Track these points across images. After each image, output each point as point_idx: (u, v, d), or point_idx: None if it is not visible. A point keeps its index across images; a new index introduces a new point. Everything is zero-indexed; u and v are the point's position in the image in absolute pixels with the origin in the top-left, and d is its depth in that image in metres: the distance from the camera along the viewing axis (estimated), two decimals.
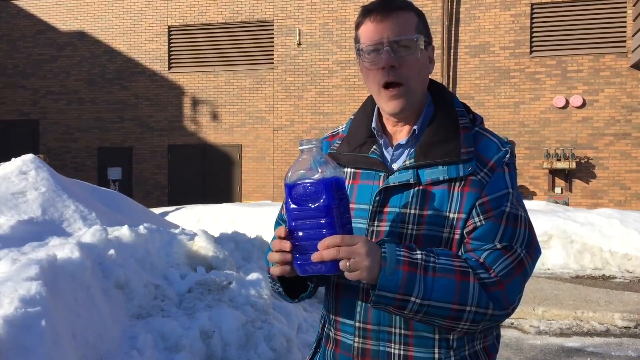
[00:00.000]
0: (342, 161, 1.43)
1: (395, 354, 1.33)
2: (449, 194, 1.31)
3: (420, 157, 1.34)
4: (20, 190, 5.08)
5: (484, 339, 1.39)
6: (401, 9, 1.36)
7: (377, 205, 1.35)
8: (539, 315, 6.34)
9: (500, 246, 1.27)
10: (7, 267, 3.24)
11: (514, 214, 1.31)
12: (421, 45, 1.35)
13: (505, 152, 1.35)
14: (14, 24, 16.02)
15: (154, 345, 3.48)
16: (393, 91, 1.35)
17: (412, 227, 1.32)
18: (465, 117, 1.41)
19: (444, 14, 13.16)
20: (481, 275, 1.25)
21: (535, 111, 12.95)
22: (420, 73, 1.36)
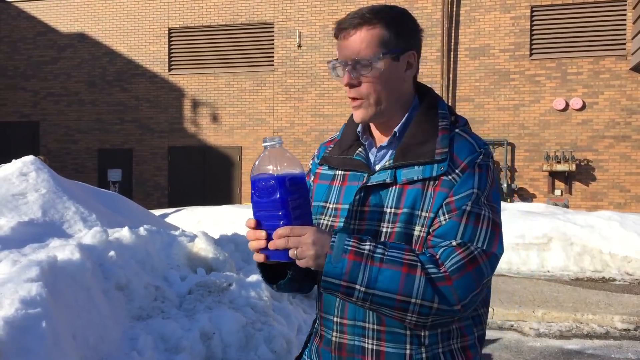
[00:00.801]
0: (332, 164, 1.51)
1: (368, 348, 1.38)
2: (422, 193, 1.36)
3: (399, 158, 1.39)
4: (20, 192, 5.09)
5: (463, 338, 1.40)
6: (364, 25, 1.39)
7: (357, 204, 1.41)
8: (538, 317, 6.34)
9: (455, 243, 1.30)
10: (7, 269, 3.25)
11: (475, 213, 1.32)
12: (380, 63, 1.38)
13: (479, 153, 1.37)
14: (15, 25, 16.04)
15: (154, 346, 3.49)
16: (355, 103, 1.43)
17: (387, 225, 1.37)
18: (447, 119, 1.44)
19: (444, 16, 13.18)
20: (429, 270, 1.27)
21: (535, 113, 12.96)
22: (385, 86, 1.40)
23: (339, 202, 1.46)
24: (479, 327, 1.45)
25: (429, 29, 13.37)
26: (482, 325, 1.46)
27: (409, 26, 1.43)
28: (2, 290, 2.88)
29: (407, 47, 1.41)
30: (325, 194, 1.51)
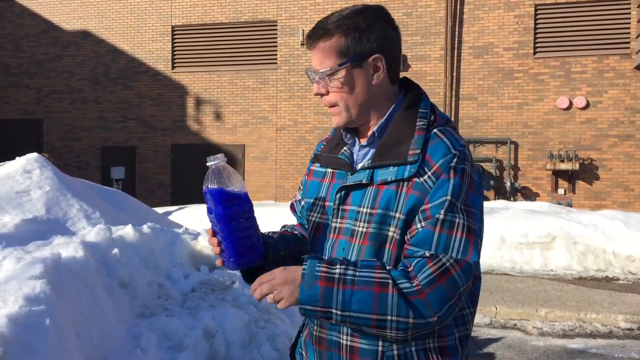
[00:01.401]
0: (322, 162, 1.56)
1: (343, 343, 1.43)
2: (396, 194, 1.37)
3: (376, 159, 1.41)
4: (24, 189, 5.09)
5: (441, 337, 1.40)
6: (323, 37, 1.43)
7: (338, 202, 1.45)
8: (542, 316, 6.33)
9: (428, 254, 1.30)
10: (11, 266, 3.25)
11: (449, 221, 1.32)
12: (340, 72, 1.41)
13: (453, 155, 1.35)
14: (18, 23, 16.06)
15: (157, 344, 3.49)
16: (330, 110, 1.48)
17: (362, 225, 1.40)
18: (426, 118, 1.43)
19: (448, 14, 13.15)
20: (401, 285, 1.29)
21: (539, 112, 12.93)
22: (351, 93, 1.43)
23: (326, 199, 1.50)
24: (462, 328, 1.44)
25: (433, 27, 13.35)
26: (466, 326, 1.45)
27: (373, 30, 1.43)
28: (6, 287, 2.88)
29: (371, 52, 1.42)
30: (316, 190, 1.54)
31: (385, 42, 1.44)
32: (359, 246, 1.41)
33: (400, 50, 1.50)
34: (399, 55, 1.49)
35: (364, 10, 1.45)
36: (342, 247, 1.44)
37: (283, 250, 1.58)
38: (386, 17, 1.47)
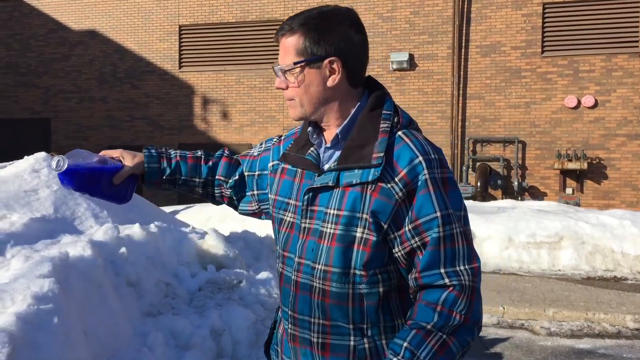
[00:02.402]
0: (289, 162, 1.57)
1: (314, 341, 1.48)
2: (362, 196, 1.40)
3: (342, 161, 1.44)
4: (32, 188, 5.11)
5: None
6: (285, 34, 1.47)
7: (306, 204, 1.48)
8: (549, 316, 6.31)
9: (449, 282, 1.36)
10: (20, 264, 3.26)
11: (449, 235, 1.37)
12: (296, 70, 1.46)
13: (420, 165, 1.38)
14: (26, 23, 16.13)
15: (164, 342, 3.50)
16: (288, 103, 1.52)
17: (330, 227, 1.43)
18: (388, 120, 1.45)
19: (455, 13, 13.11)
20: (451, 328, 1.36)
21: (547, 111, 12.87)
22: (305, 92, 1.47)
23: (296, 199, 1.52)
24: None
25: (440, 26, 13.31)
26: None
27: (334, 33, 1.44)
28: (14, 286, 2.89)
29: (327, 55, 1.44)
30: (289, 190, 1.56)
31: (345, 46, 1.45)
32: (328, 247, 1.44)
33: (364, 54, 1.50)
34: (363, 59, 1.50)
35: (331, 12, 1.47)
36: (311, 248, 1.47)
37: (168, 175, 1.70)
38: (352, 21, 1.48)
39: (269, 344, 1.70)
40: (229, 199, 1.76)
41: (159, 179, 1.70)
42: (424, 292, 1.39)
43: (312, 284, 1.47)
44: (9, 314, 2.62)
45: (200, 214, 10.64)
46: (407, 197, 1.38)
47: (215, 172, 1.74)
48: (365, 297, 1.43)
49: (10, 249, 3.74)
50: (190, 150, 1.79)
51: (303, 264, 1.49)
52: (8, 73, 16.27)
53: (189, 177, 1.72)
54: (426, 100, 13.39)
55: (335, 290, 1.44)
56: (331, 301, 1.45)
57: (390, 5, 13.60)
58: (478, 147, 13.26)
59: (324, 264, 1.44)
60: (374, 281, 1.43)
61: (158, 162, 1.70)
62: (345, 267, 1.42)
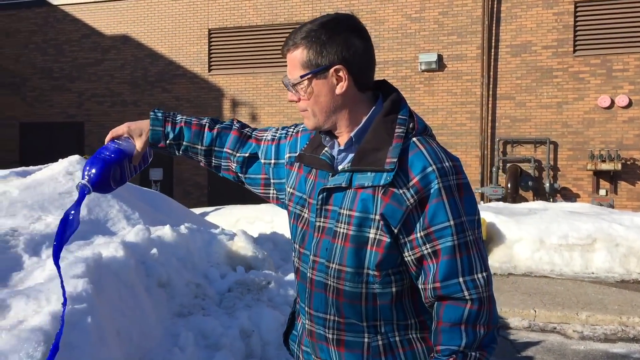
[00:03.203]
0: (304, 162, 1.60)
1: (329, 337, 1.52)
2: (373, 198, 1.42)
3: (355, 163, 1.46)
4: (66, 190, 5.22)
5: (423, 330, 1.50)
6: (290, 49, 1.51)
7: (321, 203, 1.51)
8: (582, 320, 6.19)
9: (468, 296, 1.39)
10: (54, 265, 3.33)
11: (463, 243, 1.39)
12: (304, 83, 1.49)
13: (434, 173, 1.39)
14: (60, 28, 16.48)
15: (195, 343, 3.54)
16: (302, 114, 1.55)
17: (344, 227, 1.46)
18: (403, 125, 1.46)
19: (485, 13, 12.98)
20: (479, 342, 1.39)
21: (579, 111, 12.65)
22: (316, 102, 1.50)
23: (311, 196, 1.55)
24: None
25: (469, 26, 13.19)
26: None
27: (335, 42, 1.47)
28: (49, 286, 2.96)
29: (331, 64, 1.47)
30: (304, 186, 1.59)
31: (348, 53, 1.47)
32: (342, 247, 1.46)
33: (368, 59, 1.52)
34: (368, 63, 1.52)
35: (331, 22, 1.49)
36: (325, 247, 1.49)
37: (171, 140, 1.73)
38: (353, 28, 1.50)
39: (287, 334, 1.73)
40: (234, 173, 1.77)
41: (163, 143, 1.73)
42: (443, 311, 1.40)
43: (326, 282, 1.50)
44: (44, 313, 2.69)
45: (229, 215, 10.73)
46: (419, 204, 1.39)
47: (222, 144, 1.75)
48: (378, 297, 1.46)
49: (45, 249, 3.83)
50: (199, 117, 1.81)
51: (317, 262, 1.51)
52: (43, 78, 16.64)
53: (191, 143, 1.74)
54: (455, 101, 13.28)
55: (348, 289, 1.46)
56: (345, 300, 1.47)
57: (419, 6, 13.53)
58: (508, 148, 13.10)
59: (337, 264, 1.47)
60: (387, 281, 1.45)
61: (163, 126, 1.72)
62: (358, 267, 1.44)
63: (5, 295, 2.91)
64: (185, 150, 1.75)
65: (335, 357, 1.52)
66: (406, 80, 13.48)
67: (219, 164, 1.77)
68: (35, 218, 4.49)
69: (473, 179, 12.97)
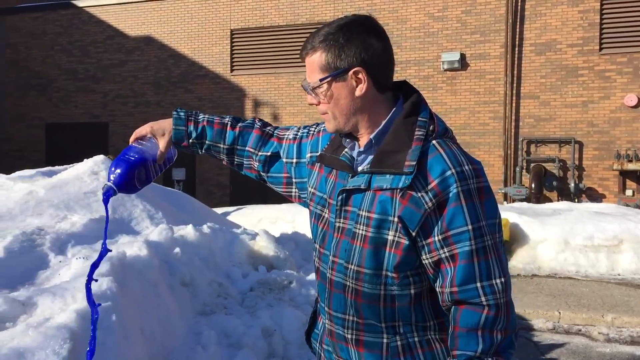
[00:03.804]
0: (325, 163, 1.60)
1: (348, 337, 1.53)
2: (392, 200, 1.42)
3: (374, 165, 1.46)
4: (91, 190, 5.29)
5: (442, 331, 1.49)
6: (309, 53, 1.52)
7: (340, 203, 1.51)
8: (608, 322, 6.10)
9: (489, 311, 1.37)
10: (80, 264, 3.39)
11: (481, 248, 1.38)
12: (324, 86, 1.49)
13: (453, 177, 1.38)
14: (85, 30, 16.71)
15: (217, 341, 3.56)
16: (322, 117, 1.56)
17: (362, 228, 1.46)
18: (423, 128, 1.45)
19: (508, 11, 12.85)
20: (497, 347, 1.38)
21: (605, 110, 12.45)
22: (336, 105, 1.50)
23: (331, 196, 1.56)
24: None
25: (493, 25, 13.07)
26: None
27: (353, 44, 1.46)
28: (75, 284, 3.00)
29: (350, 66, 1.46)
30: (325, 186, 1.59)
31: (366, 54, 1.46)
32: (360, 248, 1.46)
33: (387, 59, 1.51)
34: (387, 64, 1.51)
35: (348, 24, 1.49)
36: (345, 248, 1.50)
37: (194, 139, 1.75)
38: (370, 29, 1.49)
39: (309, 332, 1.74)
40: (257, 172, 1.78)
41: (186, 142, 1.74)
42: (460, 316, 1.39)
43: (345, 283, 1.50)
44: (70, 311, 2.73)
45: (251, 215, 10.78)
46: (437, 207, 1.38)
47: (245, 142, 1.76)
48: (396, 298, 1.45)
49: (71, 248, 3.88)
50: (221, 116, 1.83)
51: (337, 263, 1.51)
52: (69, 79, 16.89)
53: (213, 142, 1.75)
54: (478, 100, 13.17)
55: (367, 290, 1.46)
56: (363, 301, 1.47)
57: (442, 5, 13.44)
58: (532, 147, 12.95)
59: (356, 265, 1.47)
60: (405, 283, 1.44)
61: (185, 125, 1.74)
62: (377, 268, 1.44)
63: (32, 293, 2.96)
64: (208, 149, 1.77)
65: (354, 357, 1.53)
66: (428, 80, 13.40)
67: (241, 162, 1.78)
68: (61, 217, 4.55)
69: (496, 179, 12.84)
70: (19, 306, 2.82)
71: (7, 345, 2.43)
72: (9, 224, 4.34)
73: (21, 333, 2.52)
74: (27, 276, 3.45)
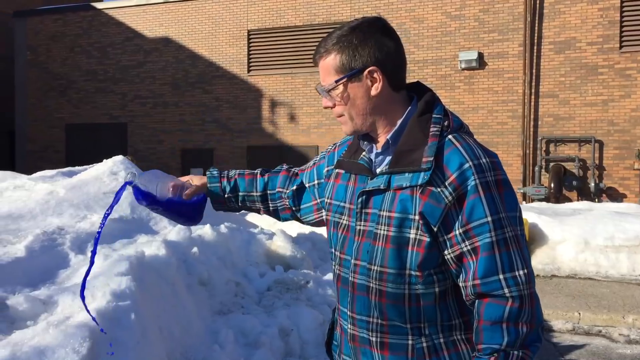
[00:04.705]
0: (344, 168, 1.63)
1: (372, 340, 1.51)
2: (412, 199, 1.43)
3: (393, 165, 1.47)
4: (111, 190, 5.35)
5: (467, 330, 1.47)
6: (322, 56, 1.52)
7: (360, 206, 1.51)
8: (629, 323, 6.02)
9: (513, 303, 1.36)
10: (99, 263, 3.42)
11: (502, 240, 1.38)
12: (339, 88, 1.50)
13: (470, 169, 1.39)
14: (104, 32, 16.88)
15: (234, 340, 3.58)
16: (339, 120, 1.56)
17: (384, 229, 1.46)
18: (438, 124, 1.47)
19: (527, 9, 12.74)
20: (522, 340, 1.36)
21: (626, 109, 12.29)
22: (352, 105, 1.51)
23: (351, 202, 1.57)
24: None
25: (511, 23, 12.97)
26: None
27: (367, 44, 1.48)
28: (95, 283, 3.04)
29: (365, 66, 1.48)
30: (344, 194, 1.60)
31: (380, 54, 1.48)
32: (382, 248, 1.46)
33: (400, 58, 1.53)
34: (400, 62, 1.53)
35: (360, 25, 1.51)
36: (367, 250, 1.50)
37: (229, 193, 1.82)
38: (382, 29, 1.51)
39: (329, 343, 1.74)
40: (290, 210, 1.83)
41: (222, 198, 1.82)
42: (484, 309, 1.39)
43: (368, 284, 1.49)
44: (90, 309, 2.75)
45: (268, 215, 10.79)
46: (457, 201, 1.39)
47: (274, 186, 1.83)
48: (421, 297, 1.45)
49: (90, 247, 3.92)
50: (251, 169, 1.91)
51: (359, 266, 1.51)
52: (88, 80, 17.08)
53: (247, 192, 1.83)
54: (496, 99, 13.07)
55: (391, 290, 1.46)
56: (388, 301, 1.47)
57: (459, 4, 13.36)
58: (551, 147, 12.82)
59: (379, 265, 1.47)
60: (429, 281, 1.44)
61: (219, 182, 1.82)
62: (400, 268, 1.44)
63: (52, 292, 3.00)
64: (243, 201, 1.84)
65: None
66: (446, 79, 13.33)
67: (276, 206, 1.85)
68: (81, 217, 4.61)
69: (515, 179, 12.73)
70: (40, 305, 2.86)
71: (28, 344, 2.46)
72: (30, 224, 4.40)
73: (42, 331, 2.55)
74: (48, 275, 3.50)
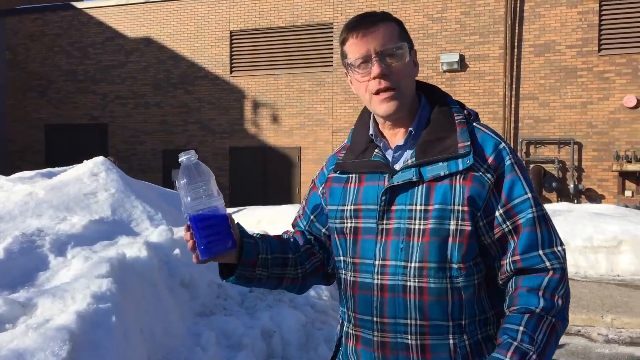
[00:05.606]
0: (347, 169, 1.55)
1: (412, 344, 1.42)
2: (451, 187, 1.39)
3: (420, 156, 1.43)
4: (91, 191, 5.29)
5: (498, 323, 1.46)
6: (383, 21, 1.47)
7: (384, 204, 1.44)
8: (607, 323, 6.10)
9: (554, 274, 1.38)
10: (80, 265, 3.39)
11: (541, 216, 1.40)
12: (406, 51, 1.46)
13: (505, 150, 1.42)
14: (85, 32, 16.72)
15: (217, 342, 3.56)
16: (385, 94, 1.45)
17: (419, 223, 1.40)
18: (461, 113, 1.48)
19: (507, 12, 12.87)
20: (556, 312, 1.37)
21: (604, 111, 12.47)
22: (408, 76, 1.47)
23: (357, 202, 1.49)
24: None
25: (492, 26, 13.09)
26: None
27: (406, 30, 1.52)
28: (75, 285, 3.01)
29: (411, 46, 1.49)
30: (341, 196, 1.54)
31: (412, 43, 1.51)
32: (421, 243, 1.40)
33: None
34: None
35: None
36: (400, 247, 1.42)
37: (263, 252, 1.53)
38: None
39: (334, 358, 1.62)
40: (321, 263, 1.65)
41: (254, 258, 1.52)
42: (523, 279, 1.39)
43: (405, 284, 1.41)
44: (69, 312, 2.73)
45: (251, 216, 10.78)
46: (495, 182, 1.40)
47: (298, 247, 1.64)
48: (463, 290, 1.41)
49: (70, 249, 3.88)
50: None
51: (389, 266, 1.43)
52: (68, 80, 16.90)
53: (279, 255, 1.57)
54: (477, 101, 13.18)
55: (433, 286, 1.40)
56: (430, 298, 1.40)
57: (441, 6, 13.46)
58: (531, 148, 12.96)
59: (418, 261, 1.40)
60: (470, 273, 1.41)
61: (250, 237, 1.55)
62: (441, 261, 1.40)
63: (31, 295, 2.97)
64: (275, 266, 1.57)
65: None
66: (428, 81, 13.35)
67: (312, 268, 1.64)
68: (61, 218, 4.55)
69: None
70: (19, 307, 2.82)
71: (7, 347, 2.43)
72: (8, 225, 4.34)
73: (21, 334, 2.52)
74: (27, 277, 3.46)
